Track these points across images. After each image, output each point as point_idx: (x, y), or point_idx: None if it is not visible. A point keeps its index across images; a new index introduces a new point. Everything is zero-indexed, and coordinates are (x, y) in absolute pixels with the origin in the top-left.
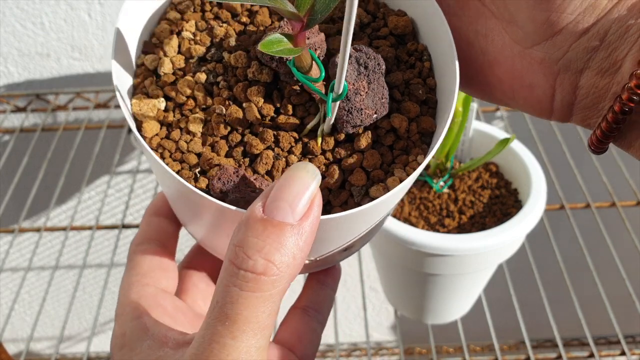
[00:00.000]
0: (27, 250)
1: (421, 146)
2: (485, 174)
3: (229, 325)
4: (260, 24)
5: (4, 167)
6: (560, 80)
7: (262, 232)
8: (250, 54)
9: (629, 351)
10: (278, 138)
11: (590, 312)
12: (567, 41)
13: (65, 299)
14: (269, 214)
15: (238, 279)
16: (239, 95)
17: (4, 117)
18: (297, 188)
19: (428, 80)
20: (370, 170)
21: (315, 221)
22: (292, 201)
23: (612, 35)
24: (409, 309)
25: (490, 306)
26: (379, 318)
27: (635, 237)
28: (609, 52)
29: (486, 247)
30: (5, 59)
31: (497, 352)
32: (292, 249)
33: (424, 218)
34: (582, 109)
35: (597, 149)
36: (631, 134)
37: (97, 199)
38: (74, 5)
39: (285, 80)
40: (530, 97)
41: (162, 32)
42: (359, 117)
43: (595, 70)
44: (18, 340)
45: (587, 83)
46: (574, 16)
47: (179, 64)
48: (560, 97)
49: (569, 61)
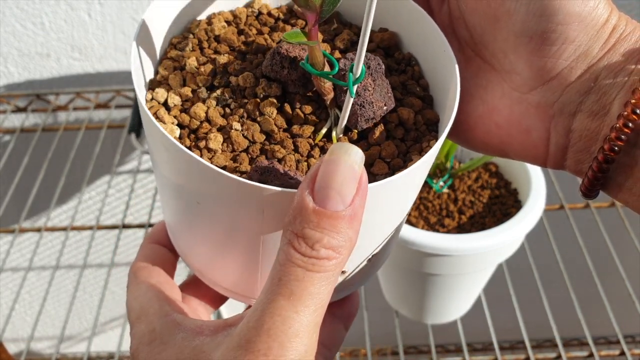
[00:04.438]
0: (27, 250)
1: (430, 134)
2: (485, 174)
3: (294, 300)
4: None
5: (4, 167)
6: (554, 123)
7: (318, 223)
8: (256, 74)
9: (629, 351)
10: (296, 144)
11: (589, 311)
12: (561, 85)
13: (65, 298)
14: (319, 203)
15: (303, 262)
16: (253, 111)
17: (4, 117)
18: (343, 173)
19: (421, 81)
20: (389, 160)
21: (363, 199)
22: (340, 189)
23: (602, 80)
24: (409, 309)
25: (490, 306)
26: (379, 318)
27: (634, 237)
28: (599, 96)
29: (486, 247)
30: (5, 59)
31: (496, 352)
32: (348, 233)
33: (424, 218)
34: (575, 152)
35: (588, 192)
36: (620, 175)
37: (98, 199)
38: (74, 6)
39: (293, 92)
40: (527, 141)
41: (166, 69)
42: (372, 109)
43: (587, 113)
44: (19, 340)
45: (580, 126)
46: (568, 62)
47: (187, 95)
48: (554, 140)
49: (563, 104)
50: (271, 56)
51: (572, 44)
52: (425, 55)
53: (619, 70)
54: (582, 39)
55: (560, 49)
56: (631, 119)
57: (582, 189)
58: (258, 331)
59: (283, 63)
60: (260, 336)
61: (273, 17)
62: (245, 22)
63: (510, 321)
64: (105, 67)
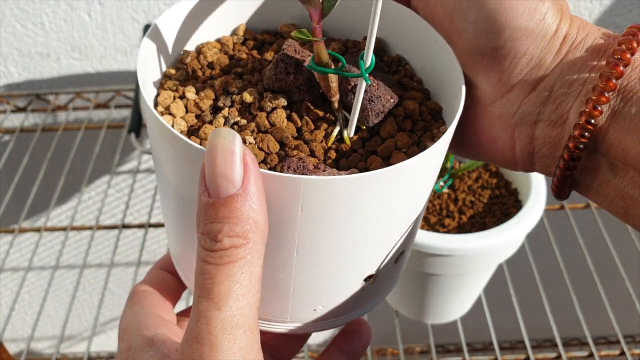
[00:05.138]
0: (27, 250)
1: (437, 122)
2: (485, 174)
3: (213, 297)
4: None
5: (4, 167)
6: (517, 132)
7: (217, 214)
8: (258, 90)
9: (629, 351)
10: (312, 149)
11: (589, 311)
12: (518, 97)
13: (65, 298)
14: (213, 195)
15: (211, 257)
16: (263, 124)
17: (4, 117)
18: (223, 157)
19: (415, 78)
20: (405, 150)
21: (257, 176)
22: (225, 172)
23: (557, 91)
24: (409, 309)
25: (490, 306)
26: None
27: (634, 237)
28: (556, 106)
29: (486, 247)
30: (5, 59)
31: (496, 352)
32: (249, 214)
33: (424, 218)
34: (541, 157)
35: (558, 195)
36: (586, 178)
37: (97, 199)
38: (74, 5)
39: (299, 100)
40: (495, 149)
41: (166, 99)
42: (381, 102)
43: (547, 122)
44: (19, 340)
45: (542, 134)
46: (522, 75)
47: (192, 121)
48: (519, 147)
49: (523, 115)
50: (274, 65)
51: (523, 57)
52: (414, 52)
53: (572, 81)
54: (533, 51)
55: (512, 63)
56: (587, 128)
57: (553, 192)
58: (190, 341)
59: (288, 69)
60: (192, 345)
61: (259, 41)
62: (233, 48)
63: (510, 321)
64: (105, 67)
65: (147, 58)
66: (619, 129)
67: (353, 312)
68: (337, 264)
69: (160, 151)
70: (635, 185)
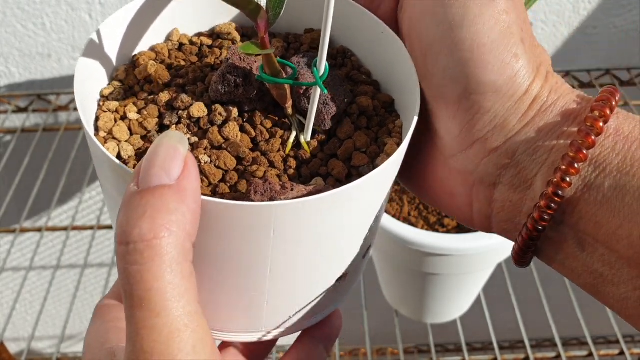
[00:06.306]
0: (28, 250)
1: (392, 116)
2: None
3: (147, 305)
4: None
5: (5, 167)
6: (476, 191)
7: (141, 200)
8: (205, 102)
9: (628, 350)
10: (271, 160)
11: (589, 311)
12: (478, 155)
13: (66, 298)
14: (142, 184)
15: (131, 255)
16: (216, 139)
17: (5, 118)
18: (166, 152)
19: (362, 70)
20: (365, 149)
21: (195, 180)
22: (163, 164)
23: (521, 155)
24: (409, 308)
25: (490, 306)
26: (379, 318)
27: None
28: (519, 170)
29: (486, 246)
30: (6, 60)
31: (496, 352)
32: (178, 207)
33: (424, 218)
34: (498, 222)
35: (519, 262)
36: (549, 249)
37: (99, 199)
38: (75, 6)
39: (249, 110)
40: (452, 204)
41: (107, 123)
42: (335, 105)
43: (508, 186)
44: (19, 340)
45: (501, 197)
46: (483, 133)
47: (138, 143)
48: (477, 207)
49: (482, 175)
50: (220, 79)
51: (487, 114)
52: (360, 43)
53: (538, 146)
54: (499, 109)
55: (475, 118)
56: (554, 200)
57: (514, 259)
58: (137, 354)
59: (237, 82)
60: (139, 357)
61: (196, 46)
62: (169, 56)
63: (510, 321)
64: None
65: (84, 78)
66: (592, 203)
67: (326, 309)
68: (311, 274)
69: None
70: (606, 264)
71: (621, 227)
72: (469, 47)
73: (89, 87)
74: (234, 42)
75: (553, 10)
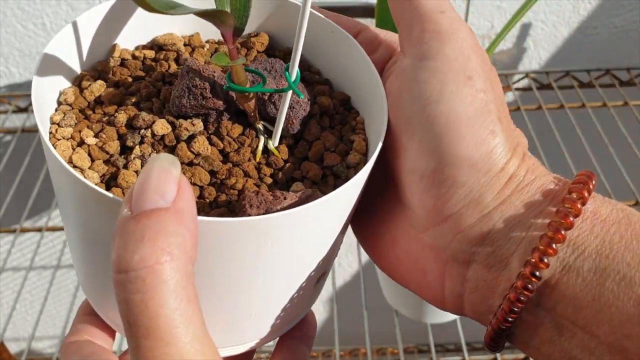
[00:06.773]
0: (28, 250)
1: (351, 113)
2: None
3: (154, 333)
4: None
5: (5, 167)
6: (449, 268)
7: (137, 224)
8: (167, 118)
9: None
10: (245, 170)
11: None
12: (452, 231)
13: (66, 298)
14: (136, 209)
15: (133, 283)
16: (185, 155)
17: (5, 118)
18: (158, 175)
19: (313, 69)
20: (333, 149)
21: (191, 200)
22: (157, 187)
23: (496, 233)
24: (409, 308)
25: None
26: (379, 318)
27: None
28: (494, 249)
29: None
30: (6, 60)
31: None
32: (177, 229)
33: None
34: (472, 303)
35: (492, 347)
36: (524, 333)
37: None
38: (75, 6)
39: (216, 121)
40: (423, 282)
41: (65, 152)
42: (302, 107)
43: (482, 264)
44: (20, 340)
45: (475, 276)
46: (457, 208)
47: (102, 169)
48: (450, 286)
49: (455, 251)
50: (185, 92)
51: (461, 188)
52: (308, 42)
53: (514, 225)
54: (473, 184)
55: (449, 191)
56: (531, 281)
57: (486, 343)
58: None
59: (204, 94)
60: None
61: (139, 60)
62: (114, 73)
63: None
64: None
65: (39, 104)
66: (571, 285)
67: (304, 311)
68: (297, 279)
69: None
70: (585, 350)
71: (601, 311)
72: (445, 122)
73: (44, 113)
74: (179, 53)
75: (553, 10)
